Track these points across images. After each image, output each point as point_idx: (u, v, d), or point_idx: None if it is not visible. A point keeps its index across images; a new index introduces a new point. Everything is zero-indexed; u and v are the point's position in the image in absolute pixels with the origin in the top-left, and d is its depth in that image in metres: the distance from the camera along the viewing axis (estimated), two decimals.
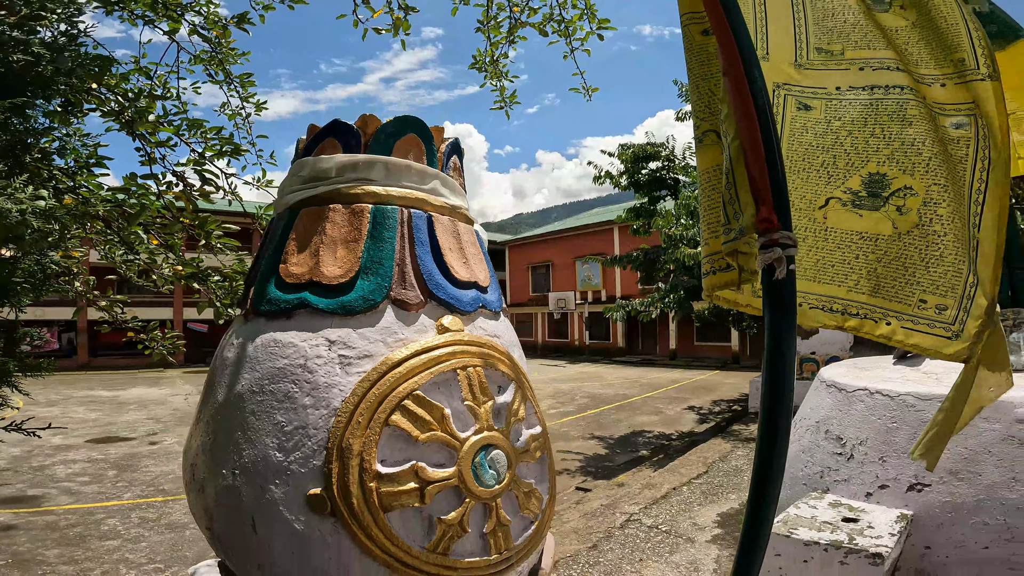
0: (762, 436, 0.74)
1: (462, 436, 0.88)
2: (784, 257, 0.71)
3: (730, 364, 20.79)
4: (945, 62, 1.19)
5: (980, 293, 1.02)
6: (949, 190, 1.09)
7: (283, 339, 0.89)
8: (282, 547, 0.83)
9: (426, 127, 1.01)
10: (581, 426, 8.91)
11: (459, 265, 0.97)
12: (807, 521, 2.47)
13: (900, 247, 1.10)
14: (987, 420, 2.34)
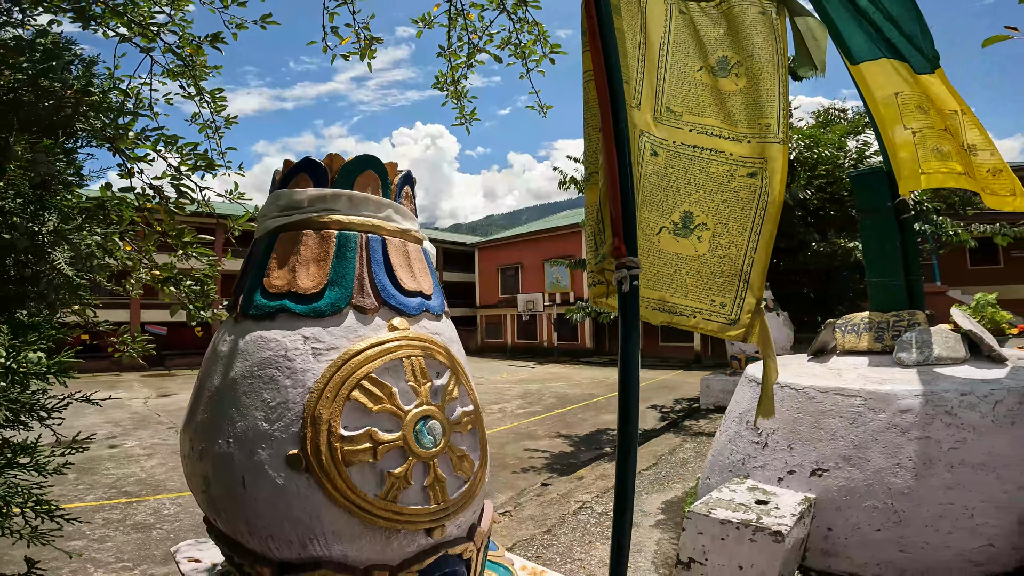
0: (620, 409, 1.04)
1: (406, 408, 1.15)
2: (628, 276, 1.02)
3: (692, 364, 21.43)
4: (755, 124, 1.61)
5: (750, 293, 1.41)
6: (729, 227, 1.50)
7: (268, 336, 1.15)
8: (266, 500, 1.07)
9: (382, 164, 1.29)
10: (548, 425, 9.21)
11: (407, 278, 1.25)
12: (725, 503, 2.78)
13: (700, 264, 1.49)
14: (873, 410, 2.63)
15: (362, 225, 1.22)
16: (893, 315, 3.06)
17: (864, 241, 3.40)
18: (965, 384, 2.49)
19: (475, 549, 1.33)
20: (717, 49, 2.01)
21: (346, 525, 1.08)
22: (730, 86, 1.74)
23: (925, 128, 3.35)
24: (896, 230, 3.18)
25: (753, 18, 2.03)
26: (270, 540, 1.08)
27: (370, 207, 1.24)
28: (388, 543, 1.12)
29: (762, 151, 1.62)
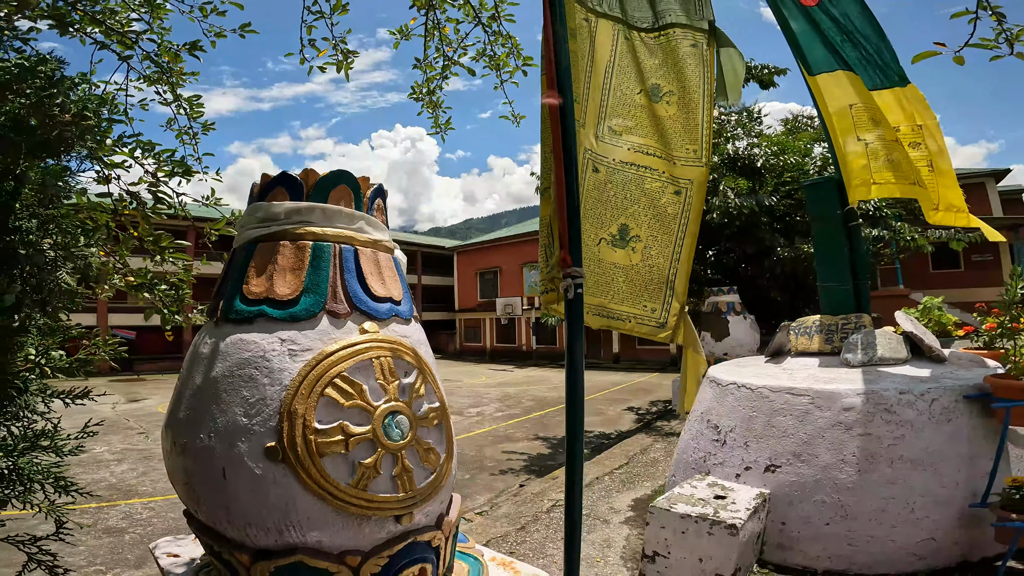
0: (567, 402, 1.17)
1: (375, 404, 1.25)
2: (573, 284, 1.14)
3: (669, 366, 21.77)
4: (683, 148, 1.80)
5: (675, 299, 1.58)
6: (658, 239, 1.68)
7: (247, 338, 1.24)
8: (245, 489, 1.16)
9: (355, 179, 1.40)
10: (526, 428, 9.34)
11: (377, 285, 1.36)
12: (686, 499, 2.91)
13: (634, 273, 1.65)
14: (820, 408, 2.79)
15: (335, 236, 1.32)
16: (842, 318, 3.25)
17: (815, 247, 3.59)
18: (904, 383, 2.66)
19: (443, 538, 1.42)
20: (652, 76, 2.21)
21: (320, 512, 1.16)
22: (663, 111, 1.94)
23: (877, 139, 3.54)
24: (844, 237, 3.38)
25: (685, 51, 2.23)
26: (248, 528, 1.17)
27: (343, 219, 1.34)
28: (360, 529, 1.21)
29: (687, 173, 1.83)
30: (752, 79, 10.31)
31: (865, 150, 3.54)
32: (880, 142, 3.54)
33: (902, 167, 3.39)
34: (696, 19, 2.48)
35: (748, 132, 10.80)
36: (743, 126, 10.93)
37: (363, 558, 1.22)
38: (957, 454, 2.52)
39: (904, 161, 3.45)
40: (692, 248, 1.80)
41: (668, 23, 2.43)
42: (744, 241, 8.16)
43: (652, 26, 2.44)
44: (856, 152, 3.52)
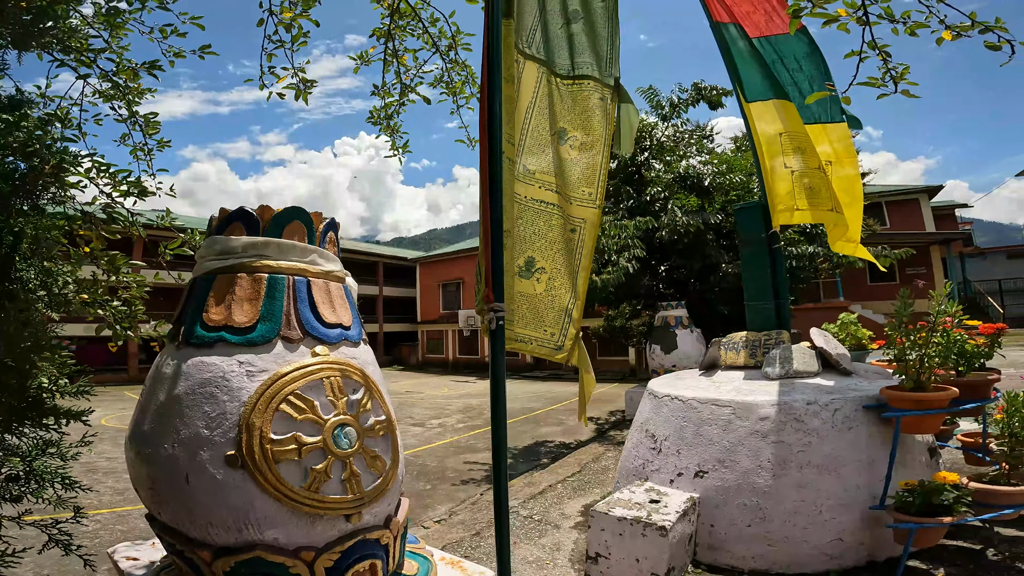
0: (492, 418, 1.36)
1: (325, 418, 1.41)
2: (495, 318, 1.34)
3: (628, 376, 22.21)
4: (581, 190, 2.07)
5: (572, 326, 1.83)
6: (561, 272, 1.93)
7: (208, 360, 1.38)
8: (207, 492, 1.29)
9: (308, 215, 1.56)
10: (486, 439, 9.44)
11: (328, 313, 1.52)
12: (624, 503, 3.12)
13: (537, 301, 1.90)
14: (740, 418, 3.04)
15: (289, 269, 1.48)
16: (764, 334, 3.56)
17: (743, 268, 3.91)
18: (812, 394, 2.96)
19: (392, 536, 1.58)
20: (561, 120, 2.47)
21: (276, 512, 1.31)
22: (568, 153, 2.22)
23: (801, 167, 3.88)
24: (768, 259, 3.71)
25: (595, 103, 2.49)
26: (209, 527, 1.31)
27: (297, 253, 1.51)
28: (313, 527, 1.36)
29: (582, 212, 2.10)
30: (702, 99, 10.83)
31: (791, 177, 3.86)
32: (803, 170, 3.88)
33: (821, 195, 3.73)
34: (605, 75, 2.74)
35: (701, 150, 11.33)
36: (698, 143, 11.46)
37: (316, 553, 1.37)
38: (858, 459, 2.82)
39: (824, 189, 3.79)
40: (586, 281, 2.06)
41: (582, 74, 2.69)
42: (692, 257, 8.57)
43: (568, 74, 2.68)
44: (782, 179, 3.84)
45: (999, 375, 3.07)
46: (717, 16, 4.26)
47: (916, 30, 2.17)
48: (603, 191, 2.28)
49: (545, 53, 2.66)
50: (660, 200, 9.11)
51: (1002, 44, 2.11)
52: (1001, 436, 2.88)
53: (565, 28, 2.76)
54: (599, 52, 2.83)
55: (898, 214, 23.89)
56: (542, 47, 2.59)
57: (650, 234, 8.53)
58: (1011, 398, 2.84)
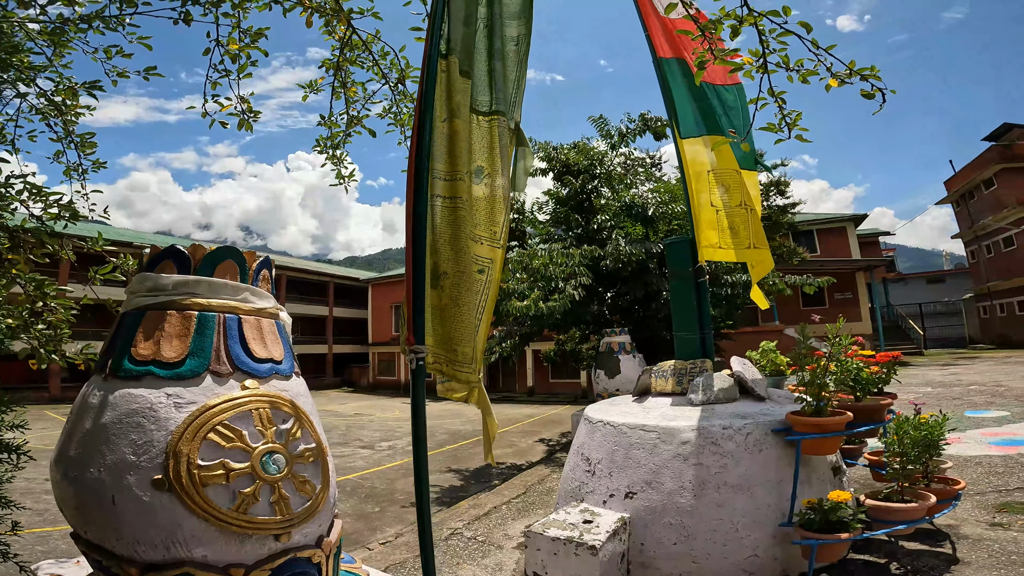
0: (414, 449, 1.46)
1: (253, 446, 1.48)
2: (416, 359, 1.46)
3: (580, 399, 22.47)
4: (488, 229, 2.21)
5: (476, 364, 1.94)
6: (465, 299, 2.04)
7: (135, 392, 1.43)
8: (134, 513, 1.34)
9: (241, 254, 1.64)
10: (439, 461, 9.41)
11: (259, 348, 1.60)
12: (559, 523, 3.23)
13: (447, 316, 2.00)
14: (664, 443, 3.22)
15: (220, 307, 1.55)
16: (690, 363, 3.79)
17: (671, 300, 4.16)
18: (727, 419, 3.18)
19: (324, 556, 1.64)
20: (478, 158, 2.58)
21: (205, 531, 1.37)
22: (480, 191, 2.36)
23: (725, 207, 4.18)
24: (694, 292, 3.97)
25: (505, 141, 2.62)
26: (136, 544, 1.35)
27: (228, 291, 1.58)
28: (242, 546, 1.42)
29: (489, 252, 2.23)
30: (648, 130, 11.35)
31: (715, 216, 4.15)
32: (727, 208, 4.17)
33: (740, 233, 4.04)
34: (509, 115, 2.86)
35: (649, 178, 11.82)
36: (646, 172, 11.95)
37: (247, 570, 1.43)
38: (768, 479, 3.04)
39: (743, 227, 4.11)
40: (488, 324, 2.12)
41: (495, 110, 2.77)
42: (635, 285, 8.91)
43: (488, 110, 2.75)
44: (708, 216, 4.12)
45: (893, 399, 3.40)
46: (660, 52, 4.48)
47: (808, 77, 2.39)
48: (507, 231, 2.39)
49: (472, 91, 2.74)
50: (607, 228, 9.45)
51: (875, 92, 2.37)
52: (892, 456, 3.18)
53: (488, 64, 2.86)
54: (506, 94, 2.92)
55: (828, 241, 25.50)
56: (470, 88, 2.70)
57: (596, 262, 8.83)
58: (899, 421, 3.15)
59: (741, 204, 4.17)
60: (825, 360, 2.92)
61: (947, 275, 37.16)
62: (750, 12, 2.29)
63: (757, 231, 3.96)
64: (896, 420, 3.18)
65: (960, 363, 17.92)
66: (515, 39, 2.97)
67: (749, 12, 2.29)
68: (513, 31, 2.97)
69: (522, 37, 2.98)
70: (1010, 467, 5.02)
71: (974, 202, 27.89)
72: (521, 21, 2.99)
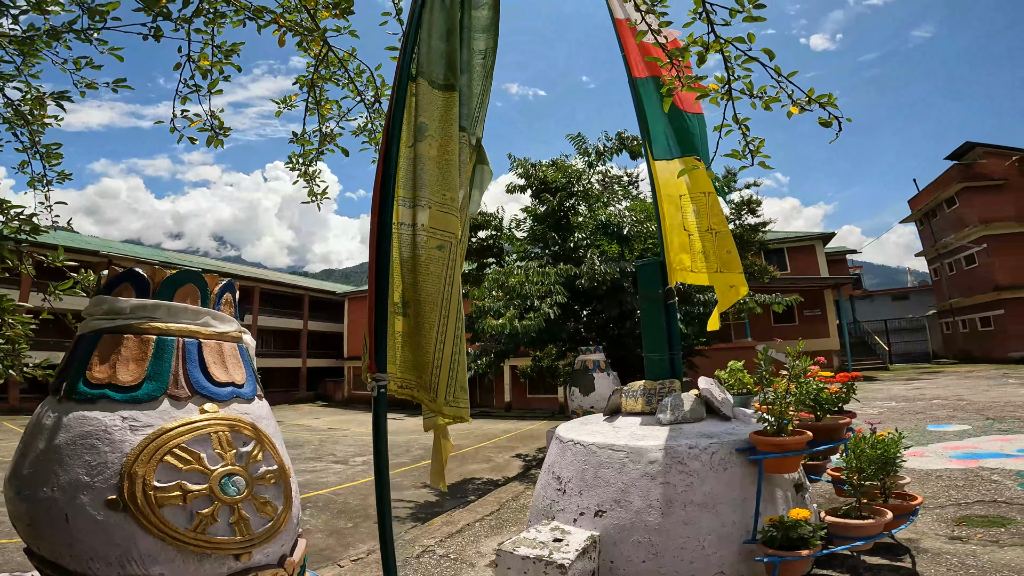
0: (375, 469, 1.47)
1: (212, 468, 1.47)
2: (377, 386, 1.48)
3: (557, 414, 22.46)
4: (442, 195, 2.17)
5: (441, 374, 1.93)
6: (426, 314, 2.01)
7: (90, 415, 1.42)
8: (88, 531, 1.33)
9: (202, 278, 1.64)
10: (415, 476, 9.30)
11: (220, 372, 1.59)
12: (529, 541, 3.23)
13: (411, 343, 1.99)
14: (632, 462, 3.25)
15: (179, 331, 1.54)
16: (659, 383, 3.86)
17: (642, 322, 4.23)
18: (693, 439, 3.23)
19: (287, 575, 1.63)
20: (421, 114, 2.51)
21: (161, 550, 1.36)
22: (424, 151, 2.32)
23: (697, 230, 4.26)
24: (663, 314, 4.04)
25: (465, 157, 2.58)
26: (91, 562, 1.33)
27: (188, 316, 1.57)
28: (200, 565, 1.42)
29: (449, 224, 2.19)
30: (624, 149, 11.53)
31: (688, 239, 4.22)
32: (698, 233, 4.26)
33: (709, 257, 4.13)
34: (471, 133, 2.81)
35: (626, 196, 11.99)
36: (624, 190, 12.13)
37: None
38: (732, 498, 3.09)
39: (712, 251, 4.20)
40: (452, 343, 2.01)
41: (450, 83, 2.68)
42: (610, 304, 9.02)
43: (441, 83, 2.67)
44: (680, 239, 4.19)
45: (852, 418, 3.50)
46: (636, 72, 4.50)
47: (770, 104, 2.44)
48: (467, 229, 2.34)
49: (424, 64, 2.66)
50: (583, 247, 9.54)
51: (832, 120, 2.45)
52: (851, 473, 3.27)
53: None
54: (469, 108, 2.88)
55: (797, 259, 26.20)
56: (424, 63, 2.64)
57: (572, 280, 8.91)
58: (856, 440, 3.25)
59: (708, 229, 4.26)
60: (786, 381, 3.00)
61: (911, 292, 38.43)
62: (717, 39, 2.34)
63: (723, 255, 4.06)
64: (854, 439, 3.28)
65: (924, 377, 18.46)
66: (482, 52, 2.98)
67: (716, 39, 2.34)
68: (481, 44, 2.97)
69: (489, 50, 2.99)
70: (970, 480, 5.17)
71: (937, 220, 28.81)
72: (489, 35, 3.00)
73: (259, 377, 1.80)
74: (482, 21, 2.98)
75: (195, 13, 3.27)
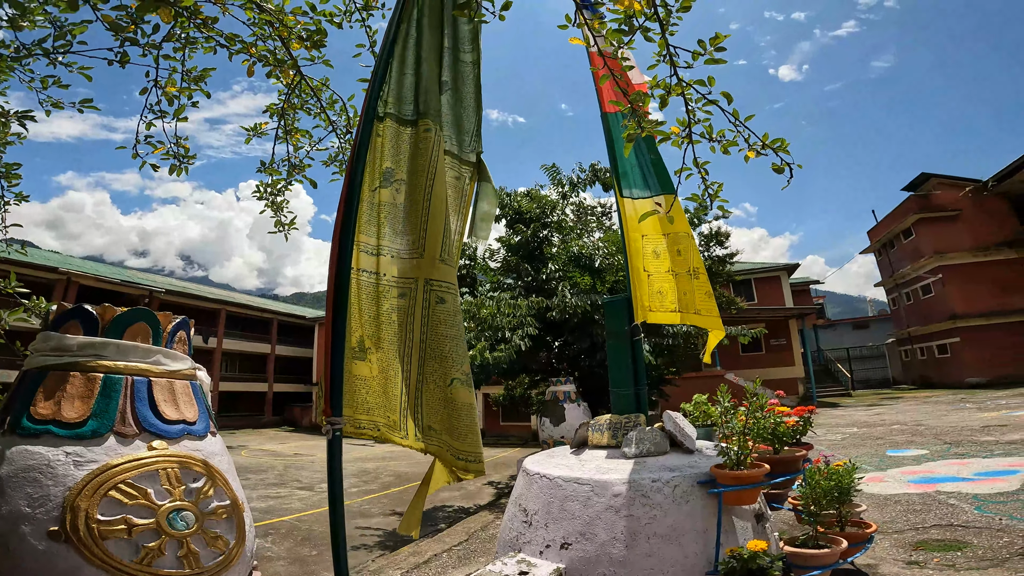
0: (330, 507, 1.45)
1: (159, 503, 1.45)
2: (332, 430, 1.48)
3: (531, 441, 22.30)
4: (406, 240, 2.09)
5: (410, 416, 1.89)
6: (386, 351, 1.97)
7: (33, 449, 1.39)
8: (30, 560, 1.31)
9: (154, 316, 1.62)
10: (383, 503, 9.08)
11: (170, 410, 1.57)
12: (495, 575, 3.20)
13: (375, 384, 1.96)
14: (597, 495, 3.24)
15: (128, 369, 1.52)
16: (624, 417, 3.89)
17: (608, 357, 4.28)
18: (656, 472, 3.26)
19: None
20: (387, 159, 2.37)
21: None
22: (390, 197, 2.21)
23: (655, 272, 4.34)
24: (629, 350, 4.10)
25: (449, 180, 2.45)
26: None
27: (138, 354, 1.55)
28: None
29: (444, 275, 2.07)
30: (597, 181, 11.75)
31: (647, 280, 4.29)
32: (657, 275, 4.33)
33: (667, 298, 4.22)
34: (467, 151, 2.60)
35: (600, 227, 12.17)
36: (597, 221, 12.32)
37: None
38: (694, 529, 3.11)
39: (670, 292, 4.28)
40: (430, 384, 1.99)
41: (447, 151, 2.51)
42: (580, 337, 9.10)
43: (412, 118, 2.50)
44: (642, 279, 4.26)
45: (808, 449, 3.58)
46: (606, 107, 4.49)
47: (728, 148, 2.50)
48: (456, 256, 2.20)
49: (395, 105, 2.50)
50: (556, 278, 9.63)
51: (784, 166, 2.51)
52: (807, 503, 3.34)
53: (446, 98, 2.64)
54: (462, 125, 2.66)
55: (763, 289, 26.91)
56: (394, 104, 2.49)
57: (544, 313, 8.96)
58: (811, 472, 3.33)
59: (669, 270, 4.33)
60: (744, 417, 3.07)
61: (871, 321, 39.73)
62: (679, 82, 2.35)
63: (696, 298, 4.16)
64: (808, 471, 3.35)
65: (885, 403, 18.96)
66: (473, 63, 2.84)
67: (678, 82, 2.35)
68: (469, 56, 2.84)
69: (476, 62, 2.85)
70: (927, 504, 5.28)
71: (894, 251, 29.71)
72: (474, 46, 2.86)
73: (212, 413, 1.77)
74: (468, 34, 2.86)
75: (165, 38, 3.26)
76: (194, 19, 3.14)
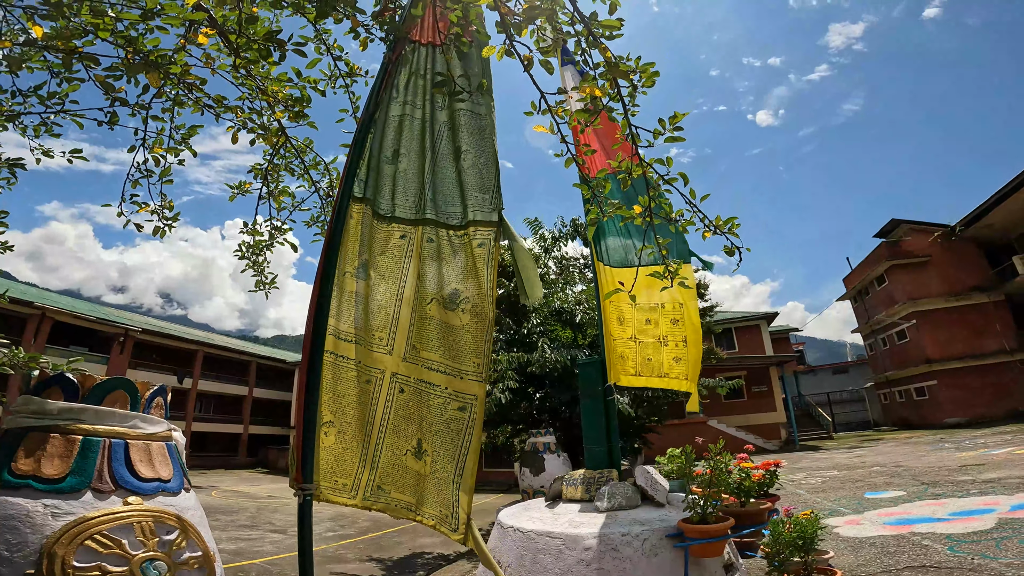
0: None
1: (133, 553, 1.51)
2: (303, 494, 1.57)
3: (513, 487, 21.87)
4: (469, 363, 2.12)
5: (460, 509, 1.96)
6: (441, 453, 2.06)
7: (12, 500, 1.46)
8: None
9: (133, 385, 1.72)
10: (360, 549, 8.79)
11: (146, 470, 1.65)
12: None
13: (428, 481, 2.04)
14: (569, 548, 3.29)
15: (106, 432, 1.61)
16: (598, 472, 4.00)
17: (583, 415, 4.42)
18: (627, 526, 3.33)
19: None
20: (452, 281, 2.28)
21: None
22: (457, 320, 2.12)
23: (619, 337, 4.49)
24: (602, 409, 4.25)
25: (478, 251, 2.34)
26: None
27: (116, 419, 1.65)
28: None
29: (471, 388, 2.02)
30: (578, 235, 12.00)
31: (615, 344, 4.43)
32: (621, 340, 4.47)
33: (628, 362, 4.38)
34: (490, 210, 2.43)
35: (582, 278, 12.35)
36: (579, 273, 12.51)
37: None
38: None
39: (631, 357, 4.43)
40: (475, 462, 1.98)
41: (474, 219, 2.40)
42: (560, 390, 9.20)
43: (460, 223, 2.41)
44: (612, 343, 4.41)
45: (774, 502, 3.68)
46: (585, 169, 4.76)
47: (687, 227, 2.62)
48: (489, 361, 2.11)
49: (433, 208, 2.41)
50: (537, 333, 9.74)
51: (734, 249, 2.64)
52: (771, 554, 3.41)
53: (454, 165, 2.55)
54: (486, 183, 2.50)
55: (744, 337, 27.27)
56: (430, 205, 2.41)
57: (524, 367, 9.05)
58: (775, 523, 3.41)
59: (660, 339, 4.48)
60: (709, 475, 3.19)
61: (850, 366, 40.26)
62: (640, 162, 2.38)
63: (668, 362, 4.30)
64: (772, 522, 3.44)
65: (865, 445, 18.99)
66: (485, 114, 2.67)
67: (640, 162, 2.38)
68: (483, 109, 2.68)
69: (490, 108, 2.70)
70: (901, 546, 5.29)
71: (869, 298, 30.26)
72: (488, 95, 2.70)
73: (186, 470, 1.84)
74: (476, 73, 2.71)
75: (154, 97, 3.39)
76: (183, 80, 3.28)
